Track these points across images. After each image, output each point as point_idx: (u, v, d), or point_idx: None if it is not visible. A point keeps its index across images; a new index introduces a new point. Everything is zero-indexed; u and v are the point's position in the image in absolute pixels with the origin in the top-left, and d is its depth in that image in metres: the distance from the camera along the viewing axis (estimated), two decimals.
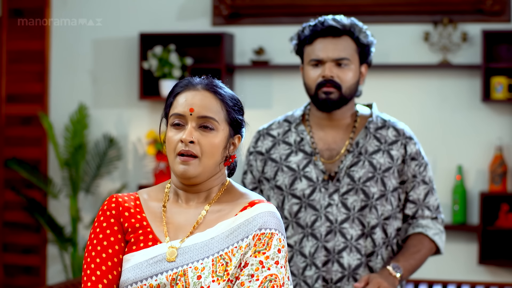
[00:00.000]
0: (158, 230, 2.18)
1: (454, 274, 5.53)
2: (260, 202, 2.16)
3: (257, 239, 2.10)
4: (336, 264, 2.98)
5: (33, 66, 6.16)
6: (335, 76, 2.99)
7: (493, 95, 5.36)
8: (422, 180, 3.08)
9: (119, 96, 6.04)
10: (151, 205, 2.23)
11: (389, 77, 5.60)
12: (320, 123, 3.09)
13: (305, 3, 5.70)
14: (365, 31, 3.06)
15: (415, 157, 3.06)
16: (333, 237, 2.98)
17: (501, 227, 5.33)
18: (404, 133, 3.08)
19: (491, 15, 5.49)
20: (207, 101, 2.16)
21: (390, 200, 3.02)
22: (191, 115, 2.15)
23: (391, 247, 3.04)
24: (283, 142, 3.10)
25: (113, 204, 2.21)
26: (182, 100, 2.17)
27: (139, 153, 6.03)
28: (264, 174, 3.11)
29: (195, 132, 2.14)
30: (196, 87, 2.18)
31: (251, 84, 5.79)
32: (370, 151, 3.03)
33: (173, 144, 2.17)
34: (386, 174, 3.01)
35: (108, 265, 2.15)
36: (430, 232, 3.09)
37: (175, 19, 5.94)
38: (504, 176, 5.36)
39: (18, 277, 6.20)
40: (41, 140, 6.16)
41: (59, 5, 6.11)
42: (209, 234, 2.14)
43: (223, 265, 2.09)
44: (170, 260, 2.12)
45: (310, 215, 3.00)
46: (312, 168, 3.03)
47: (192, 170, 2.14)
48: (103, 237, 2.18)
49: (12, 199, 6.18)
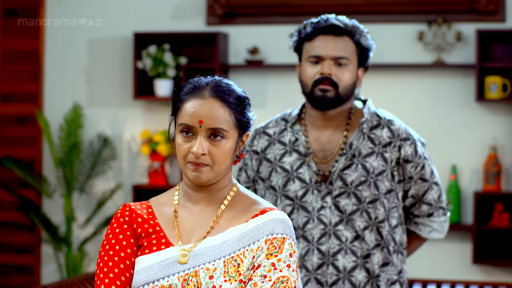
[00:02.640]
0: (171, 235, 2.19)
1: (448, 273, 5.54)
2: (271, 210, 2.17)
3: (269, 243, 2.11)
4: (331, 266, 2.97)
5: (28, 66, 6.15)
6: (333, 75, 2.97)
7: (487, 95, 5.36)
8: (420, 178, 3.06)
9: (113, 96, 6.04)
10: (163, 211, 2.24)
11: (384, 76, 5.61)
12: (315, 122, 3.06)
13: (299, 2, 5.70)
14: (366, 34, 3.04)
15: (409, 159, 3.02)
16: (328, 240, 2.97)
17: (495, 227, 5.34)
18: (399, 133, 3.04)
19: (485, 15, 5.49)
20: (215, 111, 2.14)
21: (383, 203, 3.00)
22: (200, 127, 2.13)
23: (386, 248, 3.02)
24: (278, 141, 3.08)
25: (126, 212, 2.22)
26: (190, 110, 2.14)
27: (133, 153, 6.03)
28: (259, 173, 3.10)
29: (205, 143, 2.14)
30: (204, 95, 2.16)
31: (245, 84, 5.79)
32: (363, 154, 3.00)
33: (183, 152, 2.16)
34: (379, 177, 2.99)
35: (120, 268, 2.16)
36: (424, 232, 3.14)
37: (169, 18, 5.94)
38: (498, 175, 5.37)
39: (12, 277, 6.20)
40: (36, 139, 6.15)
41: (53, 5, 6.10)
42: (220, 238, 2.15)
43: (235, 266, 2.11)
44: (182, 262, 2.13)
45: (302, 217, 2.99)
46: (305, 169, 3.01)
47: (204, 176, 2.16)
48: (116, 242, 2.19)
49: (6, 198, 6.17)
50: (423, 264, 5.53)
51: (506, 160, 5.46)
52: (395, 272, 3.04)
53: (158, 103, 5.95)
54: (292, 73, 5.48)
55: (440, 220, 3.13)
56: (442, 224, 3.15)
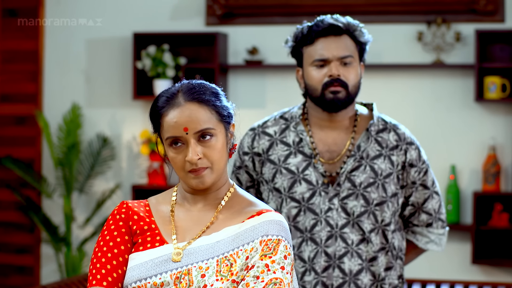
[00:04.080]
0: (166, 233, 2.19)
1: (447, 273, 5.54)
2: (268, 212, 2.17)
3: (264, 244, 2.11)
4: (337, 269, 2.96)
5: (27, 66, 6.15)
6: (341, 75, 2.95)
7: (486, 95, 5.37)
8: (421, 184, 3.06)
9: (112, 96, 6.04)
10: (160, 209, 2.24)
11: (383, 77, 5.61)
12: (320, 123, 3.04)
13: (298, 3, 5.70)
14: (361, 29, 3.03)
15: (414, 163, 3.03)
16: (334, 242, 2.96)
17: (494, 227, 5.34)
18: (405, 137, 3.04)
19: (484, 15, 5.49)
20: (196, 114, 2.13)
21: (389, 206, 2.99)
22: (187, 134, 2.13)
23: (391, 252, 3.02)
24: (281, 142, 3.05)
25: (123, 209, 2.23)
26: (171, 122, 2.13)
27: (132, 153, 6.03)
28: (262, 175, 3.06)
29: (197, 147, 2.13)
30: (179, 102, 2.14)
31: (244, 84, 5.79)
32: (371, 156, 2.99)
33: (179, 164, 2.15)
34: (387, 180, 2.99)
35: (113, 264, 2.16)
36: (421, 242, 3.16)
37: (169, 18, 5.94)
38: (498, 175, 5.37)
39: (12, 277, 6.20)
40: (35, 139, 6.15)
41: (53, 5, 6.10)
42: (215, 237, 2.15)
43: (228, 265, 2.10)
44: (175, 261, 2.14)
45: (309, 219, 2.97)
46: (312, 171, 2.99)
47: (207, 179, 2.16)
48: (110, 238, 2.19)
49: (6, 198, 6.17)
50: (423, 264, 5.53)
51: (505, 160, 5.47)
52: (395, 277, 3.05)
53: None
54: (292, 73, 5.48)
55: (438, 232, 3.14)
56: (440, 237, 3.15)
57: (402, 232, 3.10)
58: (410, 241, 3.18)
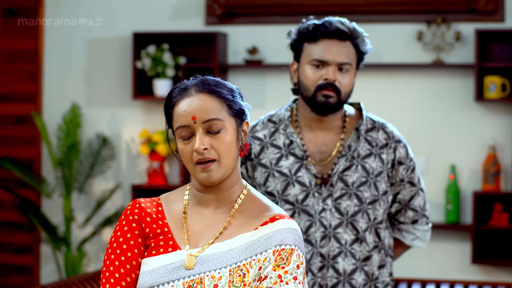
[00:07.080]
0: (179, 237, 2.17)
1: (447, 273, 5.54)
2: (281, 218, 2.15)
3: (277, 254, 2.09)
4: (331, 269, 2.96)
5: (27, 66, 6.15)
6: (336, 81, 2.94)
7: (486, 95, 5.36)
8: (409, 182, 3.08)
9: (112, 96, 6.04)
10: (172, 210, 2.22)
11: (383, 76, 5.61)
12: (310, 124, 3.04)
13: (298, 2, 5.70)
14: (364, 38, 3.02)
15: (402, 161, 3.04)
16: (328, 243, 2.96)
17: (494, 227, 5.34)
18: (393, 136, 3.06)
19: (484, 15, 5.49)
20: (205, 104, 2.13)
21: (381, 204, 3.01)
22: (195, 123, 2.12)
23: (383, 250, 3.04)
24: (272, 145, 3.05)
25: (136, 210, 2.21)
26: (181, 111, 2.14)
27: (132, 153, 6.03)
28: (254, 179, 3.06)
29: (205, 138, 2.12)
30: (190, 92, 2.16)
31: (244, 84, 5.79)
32: (362, 155, 3.00)
33: (188, 156, 2.15)
34: (378, 178, 3.00)
35: (126, 268, 2.15)
36: (407, 240, 3.17)
37: (168, 18, 5.94)
38: (497, 175, 5.37)
39: (12, 277, 6.20)
40: (35, 139, 6.15)
41: (52, 5, 6.10)
42: (228, 245, 2.13)
43: (240, 276, 2.09)
44: (188, 268, 2.12)
45: (304, 221, 2.97)
46: (304, 173, 2.99)
47: (215, 174, 2.13)
48: (123, 241, 2.18)
49: (5, 198, 6.17)
50: (422, 264, 5.53)
51: (505, 160, 5.46)
52: (387, 274, 3.07)
53: (157, 103, 5.95)
54: None
55: (423, 228, 3.16)
56: (424, 233, 3.17)
57: (390, 230, 3.12)
58: (396, 239, 3.20)
